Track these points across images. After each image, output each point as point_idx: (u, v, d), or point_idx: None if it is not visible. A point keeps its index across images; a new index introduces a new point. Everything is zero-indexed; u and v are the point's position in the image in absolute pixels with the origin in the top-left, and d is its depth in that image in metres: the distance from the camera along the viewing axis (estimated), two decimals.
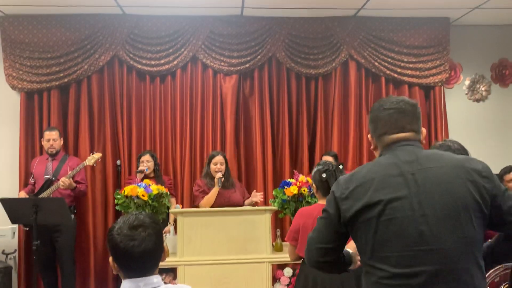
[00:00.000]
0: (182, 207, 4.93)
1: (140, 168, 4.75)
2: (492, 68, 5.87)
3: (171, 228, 4.27)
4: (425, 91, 5.64)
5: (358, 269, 1.90)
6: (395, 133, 1.72)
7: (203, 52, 5.37)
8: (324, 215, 1.78)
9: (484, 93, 5.84)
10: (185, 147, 5.35)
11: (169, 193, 4.26)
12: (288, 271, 4.74)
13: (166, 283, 3.98)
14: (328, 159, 4.81)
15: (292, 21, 5.40)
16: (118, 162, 5.15)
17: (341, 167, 2.99)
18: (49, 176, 4.65)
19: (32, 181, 4.80)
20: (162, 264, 1.74)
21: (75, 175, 4.59)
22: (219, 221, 4.04)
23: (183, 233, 3.99)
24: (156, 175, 4.90)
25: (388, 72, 5.51)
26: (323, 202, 2.99)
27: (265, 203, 5.20)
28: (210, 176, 4.51)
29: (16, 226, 4.97)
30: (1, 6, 4.95)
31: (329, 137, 5.55)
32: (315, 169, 3.02)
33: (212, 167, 4.51)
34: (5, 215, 4.24)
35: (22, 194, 4.65)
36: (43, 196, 4.49)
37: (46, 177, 4.65)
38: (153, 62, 5.31)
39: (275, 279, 4.71)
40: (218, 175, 4.39)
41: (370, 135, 1.82)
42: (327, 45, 5.47)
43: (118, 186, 5.03)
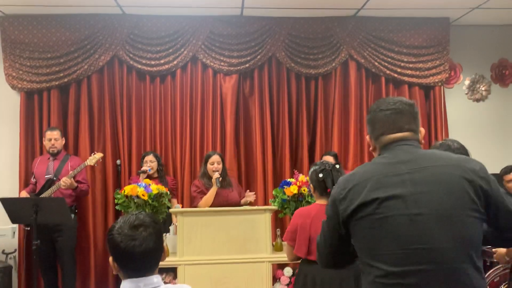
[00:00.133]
0: (182, 207, 4.93)
1: (143, 169, 4.74)
2: (492, 68, 5.87)
3: (171, 228, 4.27)
4: (425, 91, 5.64)
5: (357, 268, 1.91)
6: (392, 133, 1.72)
7: (203, 52, 5.37)
8: (326, 217, 1.79)
9: (484, 93, 5.85)
10: (185, 147, 5.35)
11: (169, 193, 4.25)
12: (288, 271, 4.74)
13: (166, 283, 4.00)
14: (328, 159, 4.82)
15: (292, 21, 5.40)
16: (118, 162, 5.16)
17: (338, 166, 2.98)
18: (50, 176, 4.65)
19: (33, 180, 4.80)
20: (162, 264, 1.73)
21: (76, 175, 4.59)
22: (219, 221, 4.04)
23: (183, 233, 4.00)
24: (160, 175, 4.91)
25: (388, 72, 5.51)
26: (320, 202, 2.98)
27: (265, 203, 5.22)
28: (207, 176, 4.51)
29: (16, 226, 4.97)
30: (1, 6, 4.96)
31: (329, 137, 5.55)
32: (311, 169, 3.02)
33: (209, 167, 4.51)
34: (5, 215, 4.23)
35: (24, 194, 4.65)
36: (44, 196, 4.49)
37: (47, 177, 4.65)
38: (153, 62, 5.31)
39: (275, 279, 4.71)
40: (215, 175, 4.39)
41: (368, 136, 1.82)
42: (327, 45, 5.47)
43: (118, 186, 5.03)
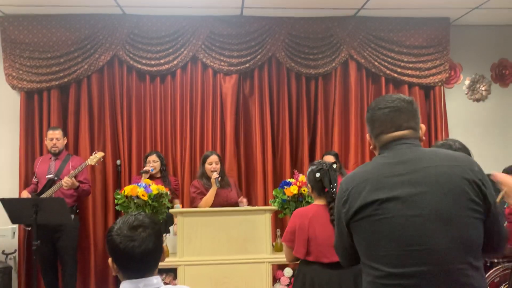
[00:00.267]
0: (183, 207, 4.93)
1: (145, 168, 4.75)
2: (492, 68, 5.87)
3: (171, 228, 4.26)
4: (425, 91, 5.64)
5: (356, 268, 1.91)
6: (391, 132, 1.71)
7: (203, 52, 5.37)
8: (335, 221, 1.80)
9: (484, 93, 5.84)
10: (185, 147, 5.34)
11: (168, 193, 4.25)
12: (288, 271, 4.73)
13: (166, 283, 4.01)
14: (329, 159, 4.84)
15: (292, 21, 5.40)
16: (118, 162, 5.16)
17: (335, 166, 2.97)
18: (51, 175, 4.64)
19: (35, 180, 4.79)
20: (162, 264, 1.73)
21: (78, 174, 4.58)
22: (219, 221, 4.03)
23: (183, 233, 3.99)
24: (163, 175, 4.91)
25: (388, 72, 5.51)
26: (318, 202, 2.97)
27: (265, 203, 5.21)
28: (205, 177, 4.50)
29: (16, 226, 4.97)
30: (1, 6, 4.95)
31: (329, 137, 5.55)
32: (309, 169, 3.00)
33: (207, 167, 4.49)
34: (5, 215, 4.23)
35: (25, 194, 4.64)
36: (45, 195, 4.49)
37: (48, 176, 4.64)
38: (153, 62, 5.31)
39: (275, 279, 4.71)
40: (214, 175, 4.37)
41: (368, 135, 1.81)
42: (327, 45, 5.47)
43: (118, 186, 5.03)
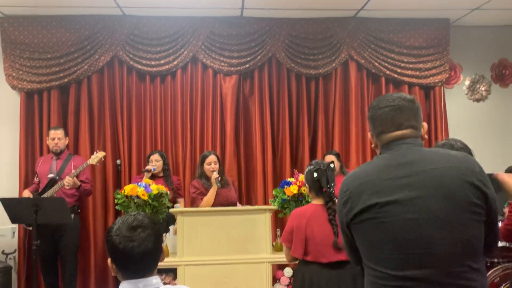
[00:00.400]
0: (184, 207, 4.93)
1: (147, 167, 4.75)
2: (492, 68, 5.87)
3: (171, 228, 4.26)
4: (425, 91, 5.64)
5: (354, 268, 1.92)
6: (392, 131, 1.69)
7: (203, 52, 5.37)
8: (339, 222, 1.81)
9: (484, 93, 5.84)
10: (186, 147, 5.35)
11: (168, 193, 4.25)
12: (288, 271, 4.72)
13: (166, 283, 4.01)
14: (330, 159, 4.87)
15: (292, 21, 5.41)
16: (118, 162, 5.16)
17: (332, 165, 2.98)
18: (52, 175, 4.64)
19: (36, 180, 4.79)
20: (162, 264, 1.74)
21: (79, 174, 4.58)
22: (219, 220, 4.03)
23: (183, 233, 3.99)
24: (165, 174, 4.90)
25: (388, 72, 5.51)
26: (316, 202, 2.97)
27: (265, 203, 5.22)
28: (205, 177, 4.49)
29: (16, 226, 4.97)
30: (1, 6, 4.96)
31: (330, 137, 5.55)
32: (307, 169, 3.01)
33: (206, 167, 4.48)
34: (5, 215, 4.24)
35: (26, 193, 4.64)
36: (46, 195, 4.49)
37: (49, 176, 4.64)
38: (153, 63, 5.31)
39: (275, 279, 4.70)
40: (214, 175, 4.35)
41: (370, 134, 1.81)
42: (327, 45, 5.47)
43: (118, 186, 5.03)
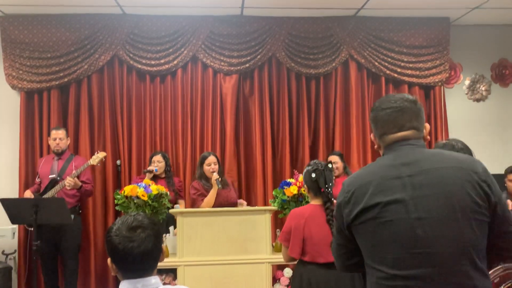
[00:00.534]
0: (185, 207, 4.93)
1: (149, 168, 4.75)
2: (492, 68, 5.86)
3: (171, 229, 4.26)
4: (425, 91, 5.64)
5: None
6: (394, 133, 1.70)
7: (203, 52, 5.36)
8: (335, 222, 1.81)
9: (484, 93, 5.84)
10: (186, 147, 5.34)
11: (168, 193, 4.25)
12: (288, 272, 4.71)
13: (166, 283, 4.00)
14: (334, 159, 4.93)
15: (292, 21, 5.40)
16: (118, 162, 5.15)
17: (330, 166, 2.98)
18: (54, 175, 4.64)
19: (38, 180, 4.79)
20: (162, 265, 1.74)
21: (80, 174, 4.57)
22: (219, 221, 4.03)
23: (183, 233, 3.98)
24: (167, 175, 4.91)
25: (388, 72, 5.51)
26: (315, 202, 2.97)
27: (265, 203, 5.21)
28: (204, 178, 4.48)
29: (16, 227, 4.97)
30: (1, 6, 4.95)
31: (330, 137, 5.55)
32: (305, 169, 3.02)
33: (206, 168, 4.47)
34: (5, 215, 4.23)
35: (28, 193, 4.62)
36: (47, 195, 4.48)
37: (51, 176, 4.63)
38: (153, 62, 5.31)
39: (275, 280, 4.69)
40: (215, 176, 4.34)
41: (372, 135, 1.81)
42: (327, 45, 5.47)
43: (118, 186, 5.03)
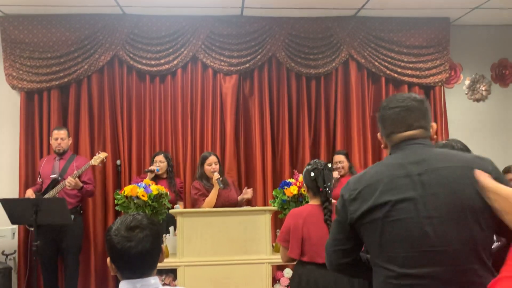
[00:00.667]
0: (184, 207, 4.93)
1: (150, 168, 4.75)
2: (492, 68, 5.86)
3: (171, 229, 4.26)
4: (425, 91, 5.63)
5: None
6: (402, 132, 1.71)
7: (203, 52, 5.36)
8: (336, 217, 1.80)
9: (484, 93, 5.84)
10: (186, 147, 5.34)
11: (168, 194, 4.25)
12: (288, 272, 4.71)
13: (166, 284, 4.00)
14: (339, 158, 4.98)
15: (292, 21, 5.40)
16: (118, 162, 5.15)
17: (330, 165, 2.98)
18: (55, 175, 4.64)
19: (39, 180, 4.79)
20: (162, 265, 1.74)
21: (81, 175, 4.58)
22: (219, 221, 4.03)
23: (183, 234, 3.98)
24: (169, 176, 4.91)
25: (388, 72, 5.50)
26: (313, 202, 2.96)
27: (265, 203, 5.21)
28: (205, 178, 4.49)
29: (16, 227, 4.96)
30: (1, 6, 4.95)
31: (331, 137, 5.55)
32: (305, 169, 3.02)
33: (207, 168, 4.48)
34: (5, 215, 4.23)
35: (30, 192, 4.61)
36: (48, 195, 4.49)
37: (52, 176, 4.63)
38: (153, 62, 5.31)
39: (275, 280, 4.70)
40: (216, 176, 4.35)
41: (379, 134, 1.82)
42: (327, 45, 5.46)
43: (118, 186, 5.03)
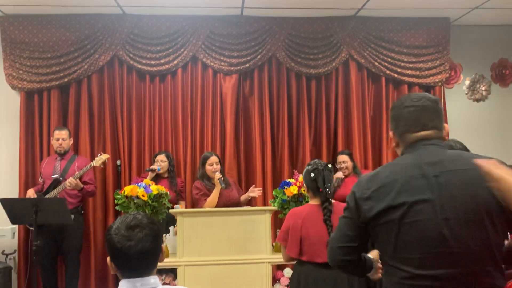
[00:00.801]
0: (186, 207, 4.93)
1: (152, 167, 4.76)
2: (492, 68, 5.86)
3: (171, 229, 4.26)
4: (425, 91, 5.61)
5: None
6: (417, 131, 1.71)
7: (203, 52, 5.37)
8: (345, 214, 1.78)
9: (484, 93, 5.84)
10: (186, 147, 5.34)
11: (168, 193, 4.25)
12: (288, 272, 4.71)
13: (166, 283, 4.00)
14: (343, 158, 4.99)
15: (292, 21, 5.40)
16: (118, 162, 5.16)
17: (330, 165, 2.98)
18: (56, 176, 4.64)
19: (41, 181, 4.79)
20: (162, 265, 1.74)
21: (83, 175, 4.58)
22: (219, 221, 4.03)
23: (183, 233, 3.99)
24: (170, 175, 4.92)
25: (388, 72, 5.51)
26: (313, 202, 2.96)
27: (265, 203, 5.21)
28: (206, 177, 4.49)
29: (16, 227, 4.97)
30: (1, 6, 4.95)
31: (331, 136, 5.55)
32: (305, 169, 3.02)
33: (208, 168, 4.49)
34: (5, 215, 4.23)
35: (31, 192, 4.61)
36: (49, 196, 4.49)
37: (53, 177, 4.64)
38: (153, 62, 5.31)
39: (275, 280, 4.70)
40: (217, 176, 4.36)
41: (391, 133, 1.81)
42: (327, 45, 5.46)
43: (118, 186, 5.03)
